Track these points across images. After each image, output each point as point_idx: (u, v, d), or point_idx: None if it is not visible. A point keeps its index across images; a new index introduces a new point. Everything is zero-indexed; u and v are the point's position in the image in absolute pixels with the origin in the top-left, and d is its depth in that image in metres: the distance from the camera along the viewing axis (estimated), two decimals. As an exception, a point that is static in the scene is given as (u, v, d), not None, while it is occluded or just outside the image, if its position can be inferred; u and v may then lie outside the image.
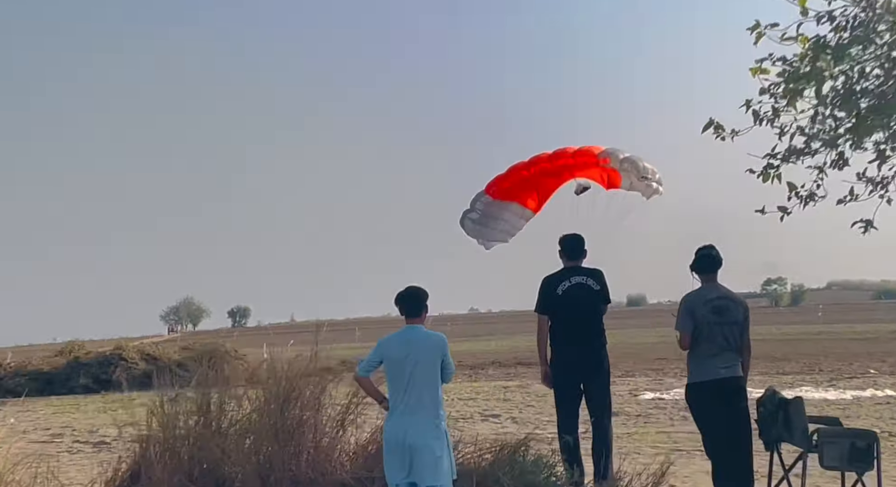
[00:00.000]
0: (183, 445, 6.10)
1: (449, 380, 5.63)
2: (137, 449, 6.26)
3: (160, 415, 6.20)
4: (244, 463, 5.98)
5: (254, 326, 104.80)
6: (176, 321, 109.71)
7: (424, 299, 5.73)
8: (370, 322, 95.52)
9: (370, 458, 6.11)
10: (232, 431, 6.21)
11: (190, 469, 6.04)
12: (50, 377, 27.06)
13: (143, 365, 27.40)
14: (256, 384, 6.43)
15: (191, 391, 6.36)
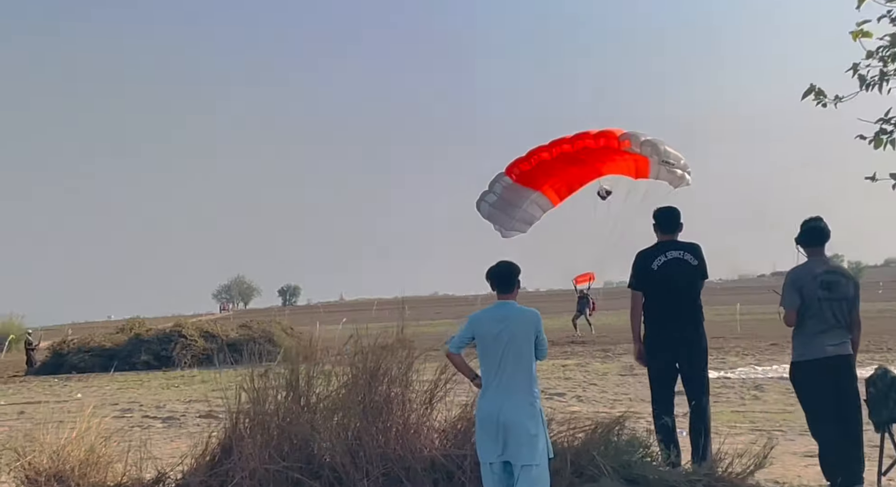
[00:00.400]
0: (272, 420, 6.05)
1: (543, 357, 5.48)
2: (227, 424, 6.21)
3: (251, 390, 6.15)
4: (334, 439, 5.91)
5: (304, 304, 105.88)
6: (227, 300, 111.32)
7: (517, 274, 5.59)
8: (418, 301, 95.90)
9: (460, 436, 6.01)
10: (321, 407, 6.14)
11: (280, 444, 5.99)
12: (112, 353, 27.59)
13: (201, 342, 27.78)
14: (342, 361, 6.32)
15: (280, 365, 6.29)
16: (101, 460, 6.50)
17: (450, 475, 5.83)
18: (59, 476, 6.36)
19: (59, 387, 21.77)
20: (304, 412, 6.09)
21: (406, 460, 5.84)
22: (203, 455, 6.22)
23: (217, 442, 6.23)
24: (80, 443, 6.57)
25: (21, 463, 6.41)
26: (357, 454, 5.85)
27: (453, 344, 5.59)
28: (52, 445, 6.57)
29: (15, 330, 44.17)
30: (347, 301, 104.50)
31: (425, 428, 6.08)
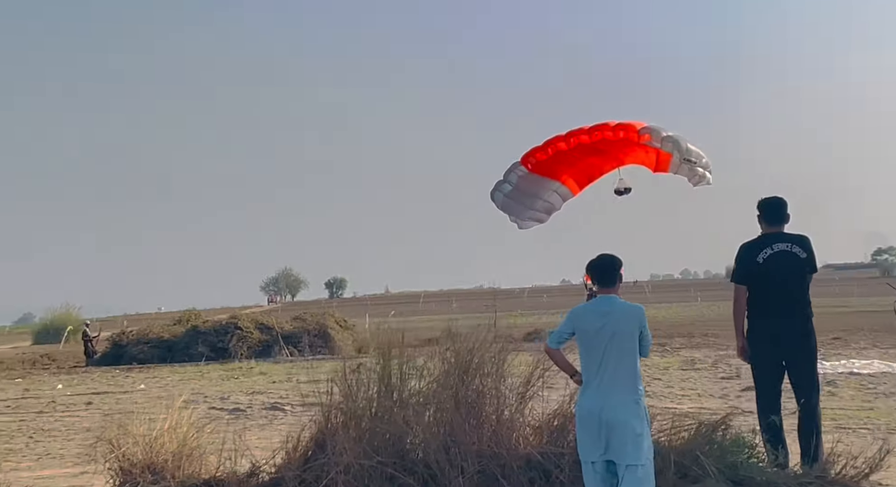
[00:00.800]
0: (365, 415, 6.01)
1: (647, 354, 5.35)
2: (319, 418, 6.19)
3: (343, 384, 6.12)
4: (427, 435, 5.86)
5: (350, 297, 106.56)
6: (275, 292, 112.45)
7: (619, 267, 5.46)
8: (464, 294, 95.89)
9: (555, 433, 5.92)
10: (412, 402, 6.08)
11: (372, 439, 5.95)
12: (170, 344, 27.98)
13: (257, 334, 28.05)
14: (433, 354, 6.25)
15: (371, 359, 6.25)
16: (193, 452, 6.54)
17: (547, 473, 5.74)
18: (152, 467, 6.41)
19: (122, 378, 22.14)
20: (396, 406, 6.04)
21: (500, 457, 5.76)
22: (295, 449, 6.21)
23: (309, 436, 6.21)
24: (172, 435, 6.62)
25: (116, 455, 6.48)
26: (451, 450, 5.79)
27: (552, 339, 5.49)
28: (144, 436, 6.63)
29: (72, 321, 45.04)
30: (393, 294, 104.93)
31: (519, 425, 5.99)
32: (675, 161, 10.59)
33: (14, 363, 29.83)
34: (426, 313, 61.24)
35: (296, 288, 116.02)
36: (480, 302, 73.67)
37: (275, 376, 20.76)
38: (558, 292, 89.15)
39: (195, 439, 6.66)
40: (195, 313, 31.94)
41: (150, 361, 26.83)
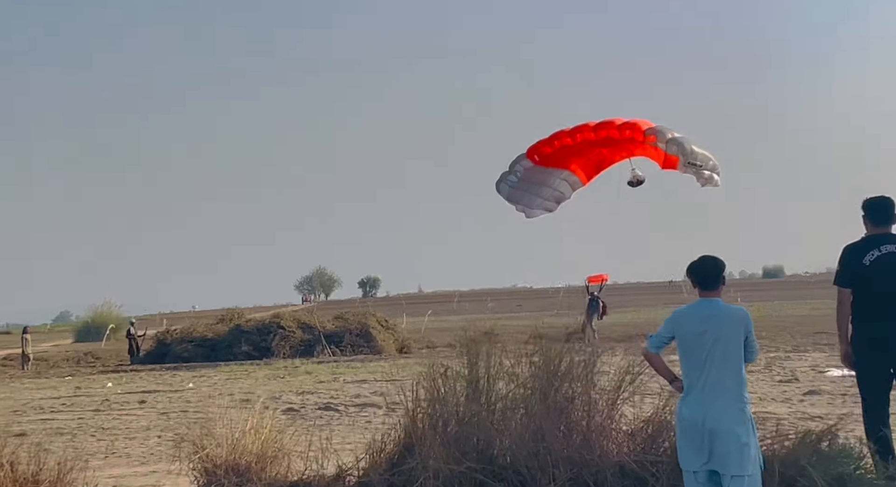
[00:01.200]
0: (452, 419, 5.92)
1: (753, 359, 5.20)
2: (406, 422, 6.10)
3: (430, 388, 6.03)
4: (517, 440, 5.75)
5: (383, 296, 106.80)
6: (309, 291, 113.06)
7: (722, 269, 5.31)
8: (497, 293, 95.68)
9: (650, 440, 5.78)
10: (499, 406, 5.98)
11: (460, 444, 5.85)
12: (213, 343, 28.17)
13: (299, 334, 28.15)
14: (521, 356, 6.12)
15: (459, 362, 6.14)
16: (277, 454, 6.50)
17: (642, 482, 5.59)
18: (236, 469, 6.37)
19: (169, 376, 22.29)
20: (484, 410, 5.94)
21: (593, 464, 5.63)
22: (380, 452, 6.14)
23: (395, 440, 6.13)
24: (254, 436, 6.58)
25: (200, 456, 6.46)
26: (541, 456, 5.68)
27: (652, 343, 5.35)
28: (227, 437, 6.61)
29: (113, 320, 45.51)
30: (426, 293, 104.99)
31: (610, 431, 5.86)
32: (681, 165, 10.53)
33: (59, 361, 30.22)
34: (461, 312, 61.16)
35: (329, 287, 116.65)
36: (515, 302, 73.39)
37: (320, 375, 20.78)
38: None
39: (277, 440, 6.63)
40: (237, 311, 32.13)
41: (194, 359, 27.02)
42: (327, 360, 25.63)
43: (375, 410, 14.15)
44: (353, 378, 19.61)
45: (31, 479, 5.51)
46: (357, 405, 14.78)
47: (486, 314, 53.87)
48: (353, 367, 23.02)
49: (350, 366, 23.24)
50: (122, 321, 46.08)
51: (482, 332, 6.14)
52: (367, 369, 22.31)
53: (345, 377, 20.13)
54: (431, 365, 6.11)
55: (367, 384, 18.14)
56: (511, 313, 59.40)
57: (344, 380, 19.30)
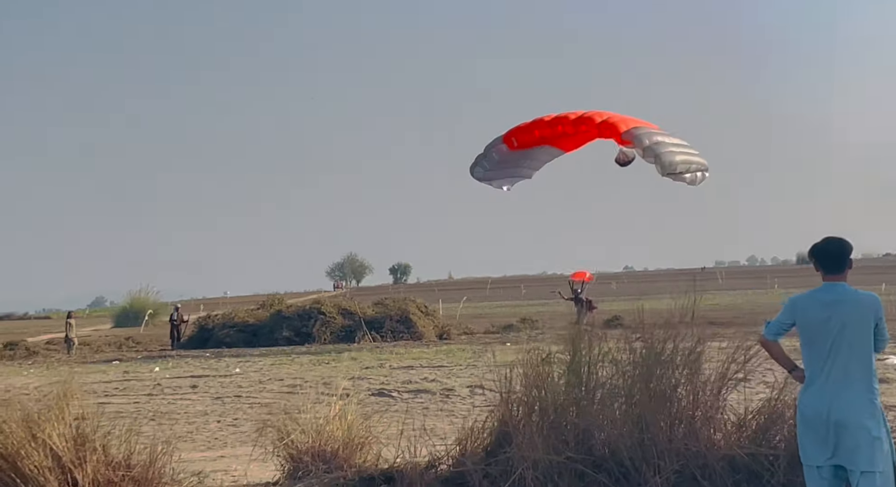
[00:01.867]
0: (551, 407, 5.69)
1: (883, 347, 4.90)
2: (502, 410, 5.89)
3: (531, 375, 5.80)
4: (620, 429, 5.52)
5: (413, 282, 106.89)
6: (340, 277, 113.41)
7: (849, 252, 4.99)
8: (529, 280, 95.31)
9: (760, 431, 5.52)
10: (599, 394, 5.74)
11: (560, 433, 5.64)
12: (255, 329, 28.21)
13: (340, 320, 28.10)
14: (619, 342, 5.86)
15: (558, 347, 5.91)
16: (364, 441, 6.34)
17: (755, 476, 5.33)
18: (321, 455, 6.23)
19: (215, 361, 22.31)
20: (585, 398, 5.71)
21: (700, 456, 5.39)
22: (473, 441, 5.94)
23: (491, 429, 5.93)
24: (340, 423, 6.43)
25: (285, 442, 6.31)
26: (646, 447, 5.45)
27: (769, 330, 5.06)
28: (311, 423, 6.46)
29: (150, 305, 45.78)
30: (457, 280, 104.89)
31: (717, 421, 5.62)
32: (660, 173, 10.54)
33: (102, 346, 30.41)
34: (494, 299, 60.90)
35: (361, 274, 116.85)
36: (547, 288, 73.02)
37: (365, 361, 20.68)
38: (626, 278, 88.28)
39: (363, 427, 6.46)
40: (278, 297, 32.14)
41: (236, 345, 27.07)
42: (369, 346, 25.56)
43: (430, 396, 14.01)
44: (399, 364, 19.49)
45: (124, 463, 5.39)
46: (410, 391, 14.64)
47: (520, 300, 53.57)
48: (396, 353, 22.90)
49: (393, 352, 23.13)
50: (160, 306, 46.38)
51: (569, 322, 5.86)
52: (410, 355, 22.18)
53: (390, 362, 20.02)
54: (529, 351, 5.87)
55: (415, 371, 18.01)
56: (545, 299, 59.07)
57: (390, 366, 19.19)
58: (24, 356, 25.91)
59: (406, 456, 5.94)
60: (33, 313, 77.04)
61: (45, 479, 5.03)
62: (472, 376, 16.59)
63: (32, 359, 25.25)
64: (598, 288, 71.24)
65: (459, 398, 13.71)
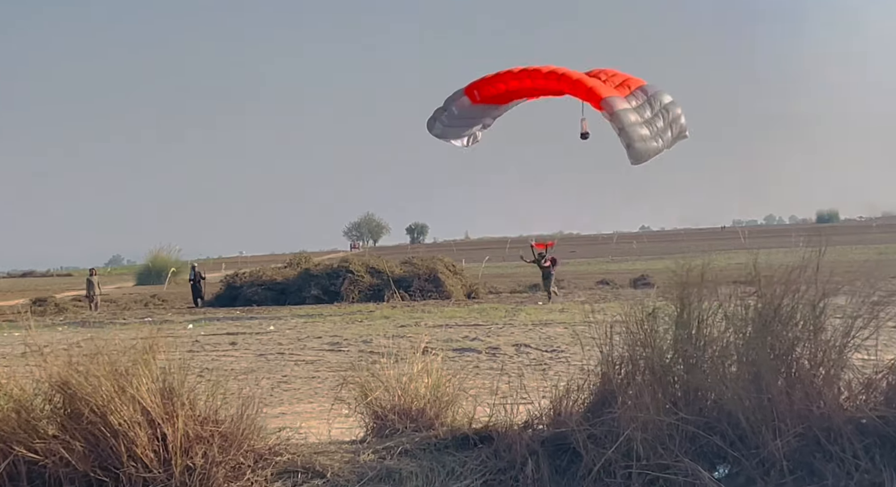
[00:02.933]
0: (658, 365, 5.34)
1: None
2: (604, 369, 5.54)
3: (637, 332, 5.44)
4: (736, 390, 5.17)
5: (430, 242, 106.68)
6: (357, 237, 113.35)
7: None
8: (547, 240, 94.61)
9: (892, 392, 5.15)
10: (710, 352, 5.38)
11: (668, 393, 5.30)
12: (283, 287, 28.05)
13: (368, 278, 27.88)
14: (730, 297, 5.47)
15: (666, 302, 5.53)
16: (453, 398, 6.02)
17: (888, 440, 4.98)
18: (407, 413, 5.93)
19: (246, 319, 22.16)
20: (694, 356, 5.35)
21: (825, 419, 5.06)
22: (570, 400, 5.61)
23: (591, 387, 5.59)
24: (426, 380, 6.11)
25: (370, 400, 6.01)
26: (765, 408, 5.10)
27: None
28: (394, 380, 6.15)
29: (172, 263, 45.73)
30: (473, 240, 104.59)
31: (841, 381, 5.26)
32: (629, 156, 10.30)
33: (128, 303, 30.35)
34: (514, 259, 60.56)
35: (378, 234, 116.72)
36: (566, 248, 72.65)
37: (399, 320, 20.42)
38: (648, 237, 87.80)
39: (449, 384, 6.14)
40: (306, 256, 31.94)
41: (264, 303, 26.91)
42: (399, 304, 25.34)
43: (476, 355, 13.75)
44: (435, 323, 19.25)
45: (212, 417, 5.09)
46: (455, 349, 14.38)
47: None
48: (429, 312, 22.66)
49: (425, 311, 22.90)
50: (182, 264, 46.34)
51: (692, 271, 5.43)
52: (443, 313, 21.93)
53: (425, 321, 19.78)
54: (633, 306, 5.51)
55: (452, 329, 17.76)
56: (565, 259, 58.76)
57: (426, 324, 18.94)
58: (53, 312, 25.83)
59: (500, 415, 5.61)
60: (55, 270, 77.42)
61: (134, 434, 4.74)
62: (512, 334, 16.36)
63: (63, 315, 25.18)
64: (621, 247, 70.92)
65: (507, 357, 13.44)
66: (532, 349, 14.16)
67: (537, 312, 21.22)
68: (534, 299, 25.94)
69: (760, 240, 65.77)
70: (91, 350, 5.07)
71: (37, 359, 5.19)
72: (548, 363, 12.65)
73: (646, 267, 40.94)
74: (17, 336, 18.94)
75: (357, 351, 14.58)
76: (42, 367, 5.16)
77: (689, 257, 5.46)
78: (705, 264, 5.37)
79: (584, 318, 15.90)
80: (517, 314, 20.79)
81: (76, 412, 4.86)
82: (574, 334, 15.89)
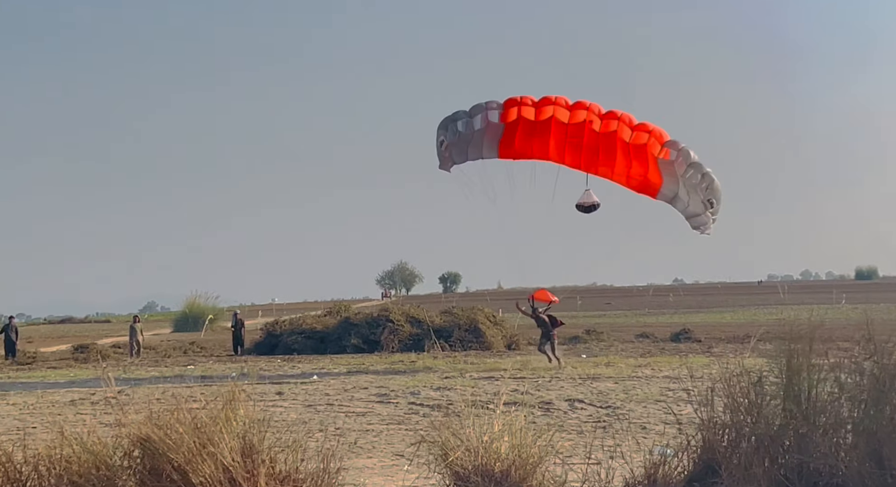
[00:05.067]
0: (765, 434, 5.00)
1: None
2: (706, 435, 5.21)
3: (739, 397, 5.11)
4: (853, 463, 4.79)
5: (463, 292, 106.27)
6: (390, 286, 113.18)
7: None
8: (581, 291, 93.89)
9: None
10: (821, 419, 5.03)
11: (779, 464, 4.94)
12: (323, 335, 27.82)
13: (408, 328, 27.59)
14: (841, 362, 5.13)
15: (772, 368, 5.20)
16: (539, 460, 5.73)
17: None
18: (489, 474, 5.64)
19: (289, 368, 21.94)
20: (805, 425, 4.99)
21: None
22: (666, 466, 5.29)
23: (691, 455, 5.26)
24: (508, 439, 5.84)
25: (451, 460, 5.74)
26: (888, 483, 4.72)
27: None
28: (475, 439, 5.88)
29: (210, 310, 45.83)
30: (506, 290, 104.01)
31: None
32: (685, 191, 9.86)
33: (168, 350, 30.29)
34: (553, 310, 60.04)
35: (411, 282, 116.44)
36: (602, 300, 71.84)
37: (442, 371, 20.09)
38: (683, 290, 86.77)
39: (534, 445, 5.86)
40: (345, 304, 31.79)
41: (304, 351, 26.68)
42: (440, 355, 25.00)
43: (532, 410, 13.38)
44: (479, 375, 18.89)
45: (293, 475, 4.86)
46: (505, 402, 14.02)
47: (576, 311, 52.67)
48: (472, 363, 22.28)
49: (468, 362, 22.53)
50: (219, 311, 46.44)
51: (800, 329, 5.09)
52: (485, 365, 21.53)
53: (469, 373, 19.43)
54: (733, 371, 5.18)
55: (499, 382, 17.38)
56: (601, 311, 58.06)
57: (471, 376, 18.59)
58: (95, 358, 25.84)
59: (596, 480, 5.30)
60: (93, 316, 78.10)
61: (216, 493, 4.52)
62: (562, 388, 15.95)
63: (106, 362, 25.16)
64: (657, 300, 69.97)
65: (562, 412, 13.05)
66: (586, 405, 13.76)
67: (583, 365, 20.79)
68: (576, 351, 25.48)
69: (800, 296, 64.76)
70: (171, 404, 4.88)
71: (115, 412, 5.01)
72: (606, 419, 12.25)
73: (684, 321, 40.22)
74: (63, 383, 18.98)
75: (406, 403, 14.27)
76: (119, 421, 4.98)
77: (792, 312, 5.13)
78: (814, 321, 5.05)
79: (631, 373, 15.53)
80: (563, 367, 20.36)
81: (156, 469, 4.66)
82: (624, 389, 15.64)
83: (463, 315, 28.37)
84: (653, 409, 12.72)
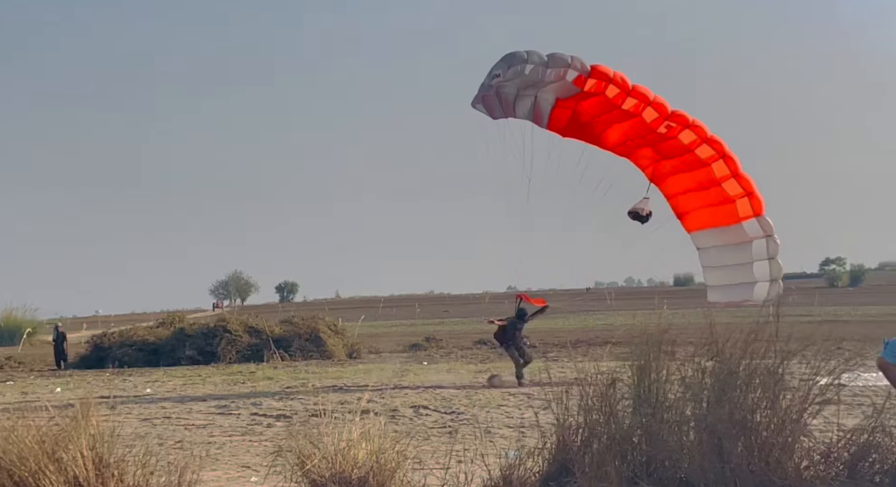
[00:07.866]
0: (616, 432, 5.22)
1: None
2: (561, 436, 5.38)
3: (593, 398, 5.33)
4: (697, 458, 5.10)
5: (300, 301, 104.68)
6: (223, 296, 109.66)
7: None
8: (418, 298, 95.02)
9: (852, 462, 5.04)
10: (667, 417, 5.32)
11: (628, 461, 5.19)
12: (155, 347, 26.62)
13: (246, 338, 26.90)
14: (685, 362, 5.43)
15: (625, 370, 5.42)
16: (396, 466, 5.75)
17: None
18: (346, 481, 5.61)
19: (119, 381, 20.82)
20: (654, 423, 5.27)
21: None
22: (521, 468, 5.43)
23: (546, 455, 5.43)
24: (365, 446, 5.82)
25: (307, 468, 5.66)
26: (728, 478, 5.04)
27: (891, 352, 4.81)
28: (332, 446, 5.82)
29: (26, 324, 42.82)
30: (345, 298, 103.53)
31: (800, 449, 5.22)
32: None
33: (-21, 366, 28.02)
34: (387, 318, 60.14)
35: (246, 292, 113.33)
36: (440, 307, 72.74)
37: (284, 381, 19.74)
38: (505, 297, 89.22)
39: (392, 451, 5.87)
40: (180, 315, 30.54)
41: (135, 364, 25.40)
42: (280, 365, 24.53)
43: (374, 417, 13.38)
44: (322, 384, 18.71)
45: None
46: (352, 411, 13.97)
47: (415, 319, 53.21)
48: (314, 372, 22.01)
49: (309, 372, 22.25)
50: (37, 324, 43.40)
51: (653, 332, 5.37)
52: (329, 374, 21.36)
53: (312, 382, 19.19)
54: (588, 374, 5.40)
55: (343, 390, 17.29)
56: (439, 318, 58.81)
57: (314, 386, 18.36)
58: None
59: (453, 483, 5.38)
60: None
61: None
62: (406, 395, 16.07)
63: None
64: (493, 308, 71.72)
65: (407, 419, 13.14)
66: (431, 411, 13.91)
67: (425, 372, 21.02)
68: (417, 358, 25.73)
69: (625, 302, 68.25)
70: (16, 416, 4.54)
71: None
72: (450, 425, 12.44)
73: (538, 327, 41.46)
74: None
75: (249, 415, 13.90)
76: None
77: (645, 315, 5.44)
78: (663, 323, 5.36)
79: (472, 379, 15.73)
80: (405, 374, 20.51)
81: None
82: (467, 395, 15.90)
83: (304, 324, 27.95)
84: (495, 414, 13.03)
